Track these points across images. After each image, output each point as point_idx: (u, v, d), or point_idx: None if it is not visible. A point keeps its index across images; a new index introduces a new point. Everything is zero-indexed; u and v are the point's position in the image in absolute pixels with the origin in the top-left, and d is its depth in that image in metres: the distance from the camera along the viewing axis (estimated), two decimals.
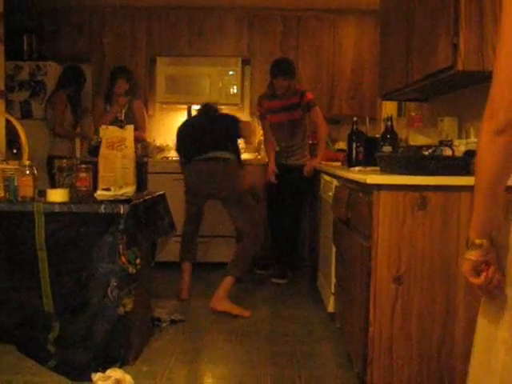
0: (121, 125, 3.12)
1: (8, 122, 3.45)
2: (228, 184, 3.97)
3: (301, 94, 4.60)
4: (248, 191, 4.23)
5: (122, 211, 2.62)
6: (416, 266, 2.28)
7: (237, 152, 4.12)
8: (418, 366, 2.32)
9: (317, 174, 4.37)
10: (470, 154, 2.66)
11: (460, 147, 2.89)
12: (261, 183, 4.88)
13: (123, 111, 4.68)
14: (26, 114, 5.08)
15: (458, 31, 2.46)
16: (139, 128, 4.70)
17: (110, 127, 3.14)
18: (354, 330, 2.63)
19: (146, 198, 3.00)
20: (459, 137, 3.30)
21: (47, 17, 5.38)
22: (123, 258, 2.60)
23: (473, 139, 2.97)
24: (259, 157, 5.39)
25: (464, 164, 2.38)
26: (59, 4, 5.31)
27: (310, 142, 4.89)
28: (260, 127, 4.95)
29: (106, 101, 4.90)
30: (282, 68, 4.54)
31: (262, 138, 5.05)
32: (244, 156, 4.81)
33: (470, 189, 2.24)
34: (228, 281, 3.76)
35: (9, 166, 2.89)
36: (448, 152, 2.64)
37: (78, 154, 5.28)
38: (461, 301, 2.29)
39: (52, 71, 5.11)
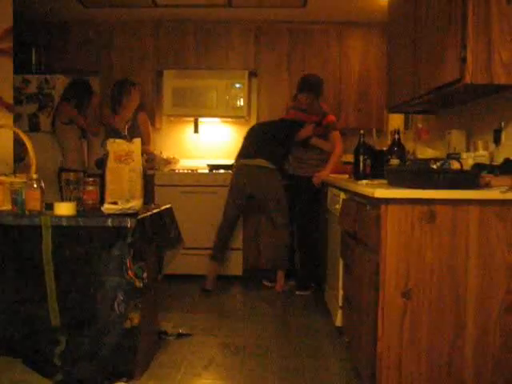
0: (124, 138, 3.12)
1: (16, 135, 3.46)
2: (267, 189, 4.58)
3: (323, 115, 4.68)
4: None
5: (129, 225, 2.62)
6: (424, 281, 2.26)
7: (279, 161, 4.65)
8: (427, 381, 2.29)
9: (324, 186, 4.36)
10: (478, 168, 2.65)
11: (468, 160, 2.88)
12: None
13: (126, 126, 4.69)
14: (33, 127, 5.11)
15: (465, 44, 2.46)
16: (144, 141, 4.69)
17: (118, 140, 3.14)
18: (362, 344, 2.61)
19: (153, 211, 3.00)
20: (467, 150, 3.29)
21: (55, 30, 5.43)
22: (130, 272, 2.59)
23: (481, 152, 2.95)
24: None
25: (472, 177, 2.36)
26: (67, 17, 5.36)
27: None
28: None
29: (114, 113, 4.90)
30: (307, 85, 4.63)
31: None
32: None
33: (478, 202, 2.24)
34: (281, 274, 4.67)
35: (16, 180, 2.90)
36: (456, 165, 2.62)
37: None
38: (470, 315, 2.27)
39: (60, 84, 5.13)
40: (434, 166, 2.67)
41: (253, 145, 4.69)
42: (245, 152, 4.70)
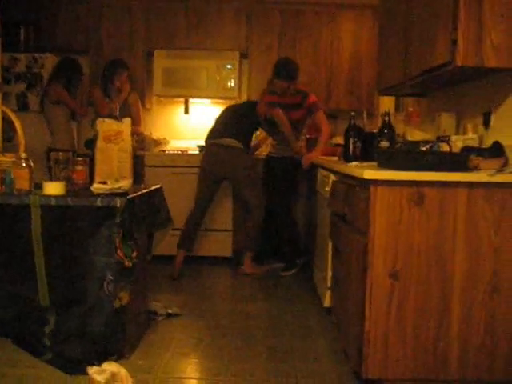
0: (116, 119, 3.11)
1: (4, 114, 3.43)
2: (236, 167, 4.51)
3: (303, 96, 4.56)
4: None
5: (118, 204, 2.61)
6: (412, 262, 2.29)
7: (246, 140, 4.60)
8: (413, 361, 2.32)
9: (314, 168, 4.36)
10: (467, 150, 2.67)
11: (457, 143, 2.89)
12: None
13: (118, 106, 4.67)
14: (22, 107, 5.06)
15: (456, 26, 2.45)
16: (134, 121, 4.66)
17: (107, 120, 3.12)
18: (349, 324, 2.64)
19: (143, 191, 2.99)
20: (457, 132, 3.30)
21: (44, 8, 5.34)
22: (119, 252, 2.60)
23: (470, 135, 2.97)
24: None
25: (461, 160, 2.37)
26: None
27: (309, 136, 4.89)
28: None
29: (105, 93, 4.88)
30: (284, 70, 4.47)
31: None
32: None
33: (466, 185, 2.26)
34: (249, 255, 4.62)
35: (5, 159, 2.87)
36: (445, 148, 2.63)
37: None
38: (457, 296, 2.30)
39: (49, 63, 5.07)
40: (424, 149, 2.68)
41: (222, 125, 4.64)
42: (213, 132, 4.65)
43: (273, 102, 4.58)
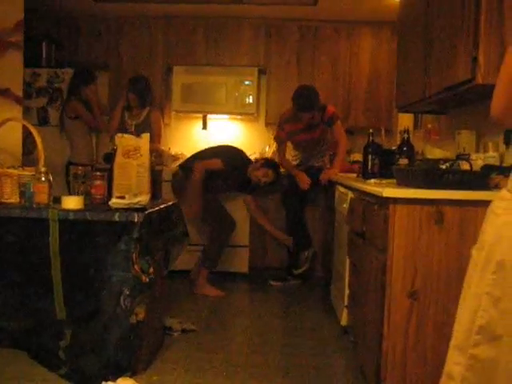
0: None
1: (25, 128, 3.47)
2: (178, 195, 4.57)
3: (322, 109, 4.55)
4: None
5: (136, 219, 2.61)
6: (432, 282, 2.25)
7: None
8: (432, 382, 2.27)
9: (332, 185, 4.34)
10: (488, 169, 2.63)
11: (478, 161, 2.85)
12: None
13: (133, 123, 4.70)
14: (43, 121, 5.12)
15: (477, 43, 2.44)
16: (154, 138, 4.65)
17: (126, 135, 3.14)
18: (367, 344, 2.60)
19: (161, 206, 2.99)
20: (477, 151, 3.26)
21: (65, 24, 5.44)
22: (136, 267, 2.59)
23: (491, 153, 2.93)
24: None
25: (481, 178, 2.34)
26: (77, 12, 5.37)
27: (331, 152, 4.90)
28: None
29: (126, 109, 4.90)
30: (306, 104, 4.41)
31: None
32: None
33: (487, 204, 2.21)
34: (203, 273, 4.49)
35: (25, 173, 2.90)
36: (465, 166, 2.60)
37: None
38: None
39: (69, 78, 5.12)
40: (444, 167, 2.65)
41: (196, 154, 4.72)
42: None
43: (296, 131, 4.60)
